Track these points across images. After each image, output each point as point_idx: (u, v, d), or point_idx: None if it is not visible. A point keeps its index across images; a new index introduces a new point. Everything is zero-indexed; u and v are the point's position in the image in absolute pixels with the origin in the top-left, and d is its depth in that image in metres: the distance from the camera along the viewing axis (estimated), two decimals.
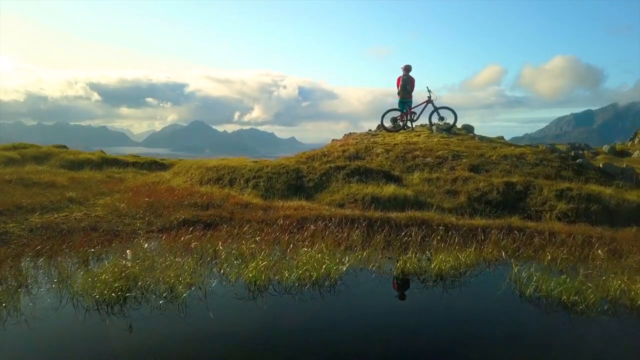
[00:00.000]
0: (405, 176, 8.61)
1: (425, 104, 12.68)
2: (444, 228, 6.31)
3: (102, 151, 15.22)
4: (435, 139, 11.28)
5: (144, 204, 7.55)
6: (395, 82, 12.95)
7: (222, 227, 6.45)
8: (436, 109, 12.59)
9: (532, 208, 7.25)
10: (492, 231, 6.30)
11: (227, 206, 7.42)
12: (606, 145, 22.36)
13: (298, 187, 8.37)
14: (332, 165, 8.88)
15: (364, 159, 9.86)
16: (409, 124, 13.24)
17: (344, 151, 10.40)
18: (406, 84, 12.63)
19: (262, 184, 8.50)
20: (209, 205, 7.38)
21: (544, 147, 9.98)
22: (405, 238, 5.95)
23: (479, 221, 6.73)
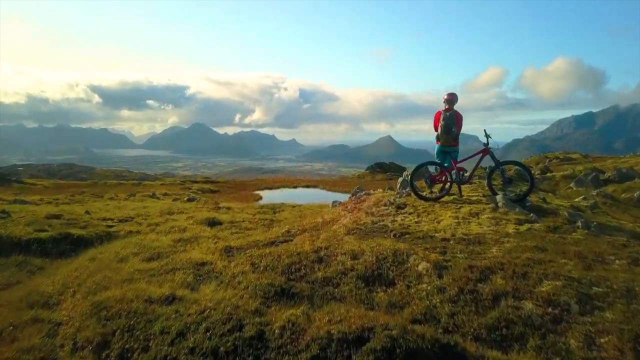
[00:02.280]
0: (491, 356, 3.97)
1: (481, 155, 7.95)
2: None
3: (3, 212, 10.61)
4: (510, 228, 6.60)
5: None
6: (433, 120, 8.31)
7: None
8: (499, 165, 7.90)
9: None
10: None
11: None
12: None
13: None
14: (335, 331, 4.21)
15: (394, 283, 5.24)
16: (453, 187, 8.50)
17: (354, 258, 5.79)
18: (451, 125, 7.90)
19: None
20: None
21: None
22: None
23: None
